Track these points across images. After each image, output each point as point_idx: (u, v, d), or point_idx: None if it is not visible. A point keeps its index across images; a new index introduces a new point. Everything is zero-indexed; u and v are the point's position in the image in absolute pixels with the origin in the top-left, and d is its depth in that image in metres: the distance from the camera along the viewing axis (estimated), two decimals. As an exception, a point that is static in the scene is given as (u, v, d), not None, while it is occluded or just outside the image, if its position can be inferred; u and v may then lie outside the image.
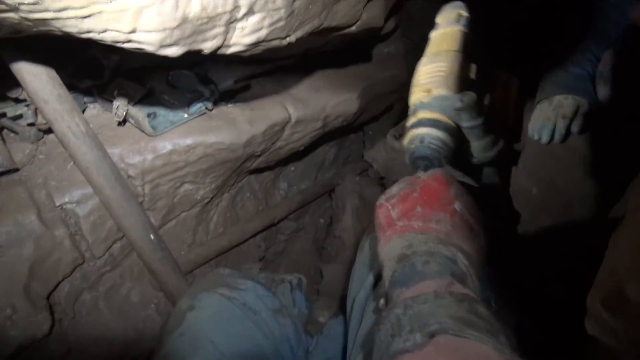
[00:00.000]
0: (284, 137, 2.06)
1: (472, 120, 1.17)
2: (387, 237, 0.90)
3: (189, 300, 1.57)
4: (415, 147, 1.16)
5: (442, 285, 0.75)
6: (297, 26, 1.35)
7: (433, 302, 0.71)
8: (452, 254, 0.82)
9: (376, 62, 2.57)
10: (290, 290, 1.79)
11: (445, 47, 1.32)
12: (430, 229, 0.86)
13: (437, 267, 0.79)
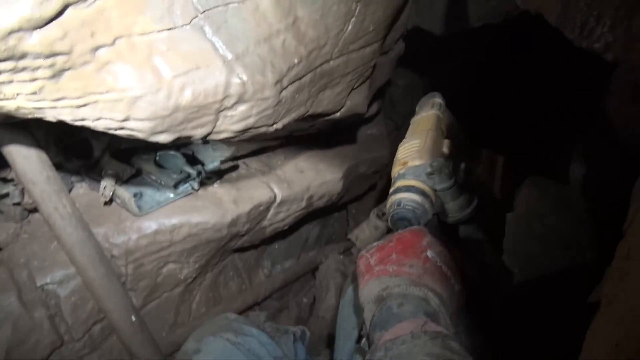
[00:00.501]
0: (268, 217, 2.08)
1: (443, 182, 1.30)
2: (365, 281, 0.98)
3: (196, 343, 1.61)
4: (393, 210, 1.29)
5: (417, 326, 0.81)
6: (284, 114, 1.41)
7: (410, 342, 0.77)
8: (424, 294, 0.89)
9: (360, 144, 2.64)
10: (293, 342, 1.84)
11: (420, 128, 1.50)
12: (404, 272, 0.94)
13: (411, 308, 0.86)
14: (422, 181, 1.31)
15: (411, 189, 1.31)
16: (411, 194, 1.29)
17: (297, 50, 1.33)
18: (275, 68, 1.28)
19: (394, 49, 2.00)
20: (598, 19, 0.98)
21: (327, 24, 1.39)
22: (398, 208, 1.28)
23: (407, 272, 0.94)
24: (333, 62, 1.49)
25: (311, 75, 1.43)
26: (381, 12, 1.53)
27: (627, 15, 0.93)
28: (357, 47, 1.54)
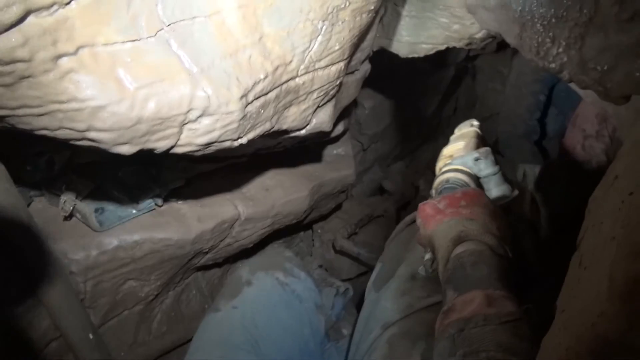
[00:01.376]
0: (232, 234, 2.06)
1: (489, 168, 1.38)
2: (438, 220, 1.05)
3: (249, 275, 1.94)
4: (442, 186, 1.39)
5: (490, 301, 0.87)
6: (249, 129, 1.41)
7: (482, 327, 0.83)
8: (495, 243, 0.97)
9: (326, 163, 2.66)
10: (335, 295, 2.09)
11: (462, 136, 1.61)
12: (477, 217, 1.01)
13: (484, 271, 0.93)
14: (469, 167, 1.40)
15: (458, 171, 1.40)
16: (458, 173, 1.39)
17: (263, 66, 1.34)
18: (240, 83, 1.28)
19: (360, 70, 2.03)
20: (553, 40, 1.01)
21: (293, 41, 1.41)
22: (447, 184, 1.37)
23: (479, 217, 1.01)
24: (299, 79, 1.50)
25: (277, 91, 1.44)
26: (347, 32, 1.55)
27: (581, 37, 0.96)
28: (323, 65, 1.56)
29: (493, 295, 0.89)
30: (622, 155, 0.77)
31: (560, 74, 1.01)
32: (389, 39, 2.11)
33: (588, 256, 0.65)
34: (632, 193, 0.58)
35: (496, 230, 1.02)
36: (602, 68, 0.93)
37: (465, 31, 1.95)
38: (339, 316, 2.03)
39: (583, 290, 0.61)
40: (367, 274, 2.82)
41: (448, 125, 3.83)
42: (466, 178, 1.35)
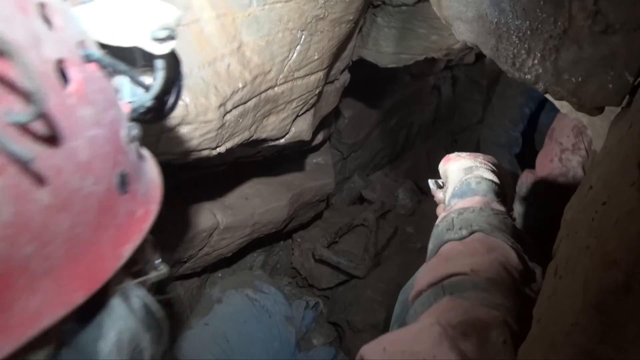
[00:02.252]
0: (211, 244, 2.05)
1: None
2: (456, 159, 1.20)
3: (220, 293, 2.01)
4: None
5: (487, 202, 1.04)
6: (228, 137, 1.41)
7: (478, 212, 1.01)
8: (498, 179, 1.13)
9: (306, 172, 2.65)
10: (304, 308, 2.18)
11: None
12: (488, 163, 1.17)
13: (485, 187, 1.09)
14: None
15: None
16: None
17: (241, 75, 1.34)
18: (219, 91, 1.28)
19: (339, 79, 2.04)
20: (528, 52, 1.03)
21: (273, 50, 1.41)
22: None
23: (490, 164, 1.18)
24: (278, 88, 1.51)
25: (256, 100, 1.44)
26: (326, 41, 1.56)
27: (555, 49, 0.98)
28: (302, 74, 1.56)
29: (490, 200, 1.05)
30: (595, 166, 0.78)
31: (535, 85, 1.03)
32: (368, 49, 2.13)
33: (563, 265, 0.65)
34: (605, 203, 0.59)
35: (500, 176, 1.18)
36: (577, 79, 0.94)
37: (444, 42, 1.97)
38: (309, 327, 2.12)
39: (558, 300, 0.61)
40: (347, 282, 2.81)
41: (427, 135, 3.86)
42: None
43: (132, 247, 0.46)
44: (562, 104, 1.13)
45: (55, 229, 0.39)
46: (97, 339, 0.48)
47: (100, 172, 0.44)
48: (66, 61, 0.42)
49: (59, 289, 0.39)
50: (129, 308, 0.51)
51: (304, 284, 2.85)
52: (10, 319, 0.36)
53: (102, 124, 0.45)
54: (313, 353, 2.04)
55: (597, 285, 0.49)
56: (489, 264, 0.89)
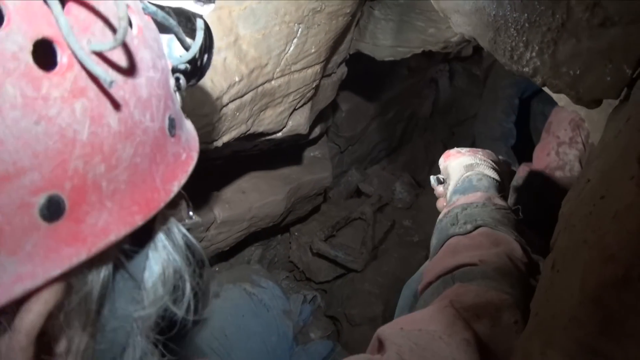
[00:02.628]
0: (208, 238, 2.04)
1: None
2: (457, 156, 1.23)
3: (217, 287, 1.98)
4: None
5: (489, 197, 1.07)
6: (224, 131, 1.40)
7: (481, 207, 1.04)
8: (499, 177, 1.16)
9: (303, 165, 2.65)
10: (302, 302, 2.18)
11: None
12: (488, 160, 1.20)
13: (487, 183, 1.12)
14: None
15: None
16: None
17: (238, 69, 1.33)
18: (215, 85, 1.27)
19: (337, 72, 2.03)
20: (526, 45, 1.02)
21: (269, 43, 1.40)
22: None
23: (490, 160, 1.21)
24: (275, 82, 1.50)
25: (252, 94, 1.43)
26: (323, 34, 1.55)
27: (554, 42, 0.97)
28: (299, 67, 1.56)
29: (492, 196, 1.08)
30: (593, 159, 0.78)
31: (533, 78, 1.02)
32: (365, 42, 2.12)
33: (561, 259, 0.65)
34: (603, 197, 0.59)
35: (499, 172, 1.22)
36: (575, 72, 0.94)
37: (441, 35, 1.96)
38: (307, 321, 2.12)
39: (556, 294, 0.61)
40: (345, 276, 2.82)
41: (425, 128, 3.85)
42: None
43: (179, 185, 0.51)
44: (560, 97, 1.12)
45: (121, 155, 0.43)
46: (143, 270, 0.53)
47: (155, 111, 0.48)
48: (130, 7, 0.47)
49: (122, 210, 0.44)
50: (172, 242, 0.55)
51: (301, 278, 2.85)
52: (85, 230, 0.41)
53: (157, 69, 0.49)
54: (310, 346, 2.05)
55: (596, 280, 0.49)
56: (496, 256, 0.92)
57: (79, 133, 0.40)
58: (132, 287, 0.52)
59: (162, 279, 0.54)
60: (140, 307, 0.53)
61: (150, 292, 0.53)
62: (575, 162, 1.97)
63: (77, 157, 0.40)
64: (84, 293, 0.45)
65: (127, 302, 0.52)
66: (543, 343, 0.58)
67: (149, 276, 0.53)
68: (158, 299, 0.54)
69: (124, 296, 0.51)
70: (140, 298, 0.53)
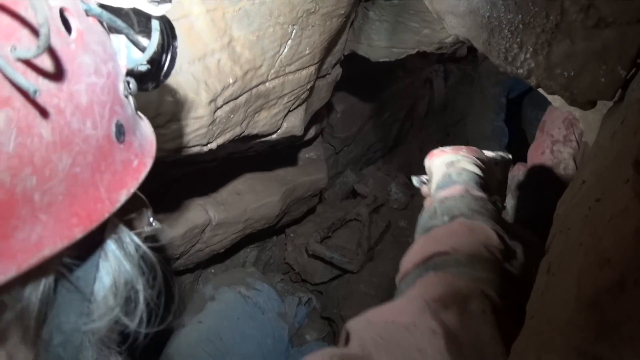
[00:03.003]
0: (204, 240, 2.04)
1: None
2: (439, 154, 1.26)
3: (212, 290, 2.02)
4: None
5: (467, 189, 1.09)
6: (219, 134, 1.40)
7: (459, 199, 1.05)
8: (479, 170, 1.18)
9: (298, 167, 2.65)
10: (297, 304, 2.20)
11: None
12: (470, 156, 1.23)
13: (466, 177, 1.14)
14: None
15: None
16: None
17: (232, 71, 1.33)
18: (209, 87, 1.26)
19: (331, 73, 2.03)
20: (521, 46, 1.02)
21: (263, 45, 1.40)
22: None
23: (472, 157, 1.23)
24: (269, 84, 1.49)
25: (247, 96, 1.43)
26: (317, 36, 1.55)
27: (548, 43, 0.97)
28: (294, 69, 1.55)
29: (470, 188, 1.10)
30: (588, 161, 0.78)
31: (528, 80, 1.02)
32: (360, 43, 2.11)
33: (556, 262, 0.65)
34: (599, 200, 0.58)
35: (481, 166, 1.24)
36: (569, 74, 0.94)
37: (436, 36, 1.96)
38: (302, 323, 2.14)
39: (551, 298, 0.61)
40: (340, 277, 2.81)
41: (420, 129, 3.86)
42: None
43: (128, 193, 0.49)
44: (555, 98, 1.12)
45: (56, 166, 0.41)
46: (93, 281, 0.51)
47: (98, 118, 0.46)
48: (68, 10, 0.45)
49: (58, 223, 0.42)
50: (124, 252, 0.54)
51: (297, 279, 2.84)
52: (14, 245, 0.39)
53: (101, 74, 0.48)
54: (306, 348, 2.05)
55: (592, 284, 0.48)
56: (470, 243, 0.95)
57: (3, 145, 0.38)
58: (79, 300, 0.50)
59: (113, 290, 0.53)
60: (90, 320, 0.51)
61: (101, 303, 0.52)
62: (570, 160, 1.98)
63: (2, 170, 0.38)
64: (19, 309, 0.43)
65: (74, 315, 0.50)
66: (539, 347, 0.58)
67: (99, 288, 0.52)
68: (109, 311, 0.52)
69: (70, 309, 0.50)
70: (89, 311, 0.51)
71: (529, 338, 0.64)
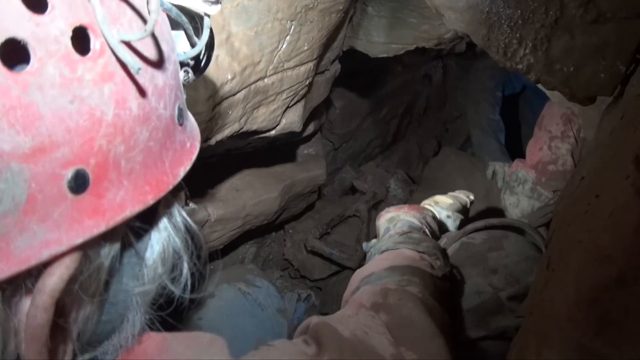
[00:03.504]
0: (202, 236, 2.04)
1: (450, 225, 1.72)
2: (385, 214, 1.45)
3: (212, 287, 1.99)
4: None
5: (397, 232, 1.28)
6: (217, 130, 1.39)
7: (387, 239, 1.25)
8: (417, 220, 1.38)
9: (297, 163, 2.64)
10: (296, 300, 2.24)
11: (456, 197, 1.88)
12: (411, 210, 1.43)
13: (401, 223, 1.34)
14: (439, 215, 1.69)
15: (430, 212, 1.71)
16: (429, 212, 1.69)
17: (230, 66, 1.32)
18: (207, 83, 1.26)
19: (330, 69, 2.02)
20: (520, 42, 1.02)
21: (262, 41, 1.39)
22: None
23: (413, 211, 1.42)
24: (268, 80, 1.49)
25: (245, 92, 1.42)
26: (316, 31, 1.55)
27: (547, 38, 0.97)
28: (292, 65, 1.55)
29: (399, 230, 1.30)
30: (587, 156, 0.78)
31: (527, 75, 1.02)
32: (359, 39, 2.11)
33: (555, 258, 0.65)
34: (598, 196, 0.58)
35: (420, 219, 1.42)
36: (568, 69, 0.93)
37: (434, 31, 1.96)
38: (301, 319, 2.15)
39: (551, 294, 0.61)
40: (339, 273, 2.81)
41: (419, 125, 3.85)
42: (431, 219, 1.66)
43: (185, 170, 0.54)
44: (554, 94, 1.12)
45: (138, 137, 0.47)
46: (146, 248, 0.56)
47: (168, 100, 0.51)
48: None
49: (136, 189, 0.47)
50: (173, 225, 0.59)
51: (296, 275, 2.84)
52: (104, 204, 0.44)
53: (171, 61, 0.53)
54: None
55: (591, 280, 0.48)
56: (391, 261, 1.15)
57: (105, 114, 0.43)
58: (136, 264, 0.55)
59: (162, 258, 0.57)
60: (141, 283, 0.56)
61: (151, 269, 0.56)
62: (568, 156, 1.98)
63: (102, 136, 0.43)
64: (97, 264, 0.48)
65: (130, 278, 0.55)
66: (538, 343, 0.58)
67: (150, 254, 0.57)
68: (157, 277, 0.57)
69: (128, 272, 0.55)
70: (142, 275, 0.56)
71: (528, 333, 0.64)
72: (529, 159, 2.13)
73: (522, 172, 2.11)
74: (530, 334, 0.62)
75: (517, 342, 0.69)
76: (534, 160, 2.09)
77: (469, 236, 1.85)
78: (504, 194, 2.17)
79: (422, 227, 1.41)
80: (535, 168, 2.06)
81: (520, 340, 0.68)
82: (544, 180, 2.00)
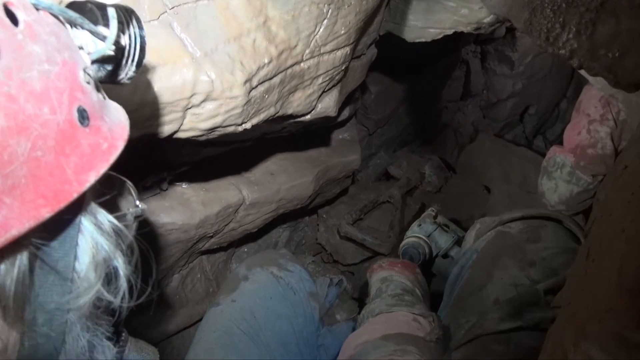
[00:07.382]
0: (237, 219, 2.06)
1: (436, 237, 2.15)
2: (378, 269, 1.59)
3: (246, 271, 2.08)
4: (403, 248, 2.08)
5: (389, 294, 1.37)
6: (253, 114, 1.40)
7: (380, 301, 1.34)
8: (409, 282, 1.47)
9: (331, 147, 2.64)
10: (328, 285, 2.21)
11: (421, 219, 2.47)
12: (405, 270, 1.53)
13: (393, 285, 1.43)
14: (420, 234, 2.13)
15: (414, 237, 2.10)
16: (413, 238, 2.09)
17: (267, 50, 1.33)
18: (244, 67, 1.27)
19: (366, 54, 2.00)
20: (563, 26, 0.99)
21: (299, 25, 1.39)
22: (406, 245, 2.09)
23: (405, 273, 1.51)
24: (304, 64, 1.49)
25: (281, 76, 1.42)
26: (353, 15, 1.53)
27: (592, 22, 0.94)
28: (329, 49, 1.54)
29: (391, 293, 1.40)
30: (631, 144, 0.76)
31: (570, 61, 0.99)
32: (396, 23, 2.08)
33: (596, 248, 0.63)
34: (643, 185, 0.57)
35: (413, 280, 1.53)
36: (613, 55, 0.91)
37: (474, 16, 1.92)
38: (332, 303, 2.19)
39: (590, 284, 0.59)
40: (372, 259, 2.82)
41: (456, 111, 3.80)
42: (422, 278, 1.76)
43: (97, 175, 0.51)
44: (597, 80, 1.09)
45: (15, 150, 0.43)
46: (74, 260, 0.54)
47: (57, 104, 0.48)
48: (13, 4, 0.48)
49: (24, 205, 0.44)
50: (100, 231, 0.56)
51: (328, 260, 2.86)
52: None
53: (55, 62, 0.50)
54: (336, 328, 2.10)
55: (634, 270, 0.47)
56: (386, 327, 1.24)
57: None
58: (59, 279, 0.52)
59: (93, 267, 0.55)
60: (72, 297, 0.54)
61: (83, 281, 0.54)
62: (607, 139, 1.93)
63: None
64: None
65: (55, 295, 0.52)
66: (576, 334, 0.57)
67: (79, 265, 0.54)
68: (90, 287, 0.55)
69: (51, 289, 0.52)
70: (69, 289, 0.53)
71: (565, 324, 0.63)
72: (567, 144, 2.08)
73: (560, 157, 2.06)
74: (567, 325, 0.61)
75: (553, 333, 0.68)
76: (572, 144, 2.04)
77: (505, 225, 1.82)
78: (541, 179, 2.13)
79: (414, 289, 1.46)
80: (574, 152, 2.01)
81: (557, 331, 0.67)
82: (582, 164, 1.95)
